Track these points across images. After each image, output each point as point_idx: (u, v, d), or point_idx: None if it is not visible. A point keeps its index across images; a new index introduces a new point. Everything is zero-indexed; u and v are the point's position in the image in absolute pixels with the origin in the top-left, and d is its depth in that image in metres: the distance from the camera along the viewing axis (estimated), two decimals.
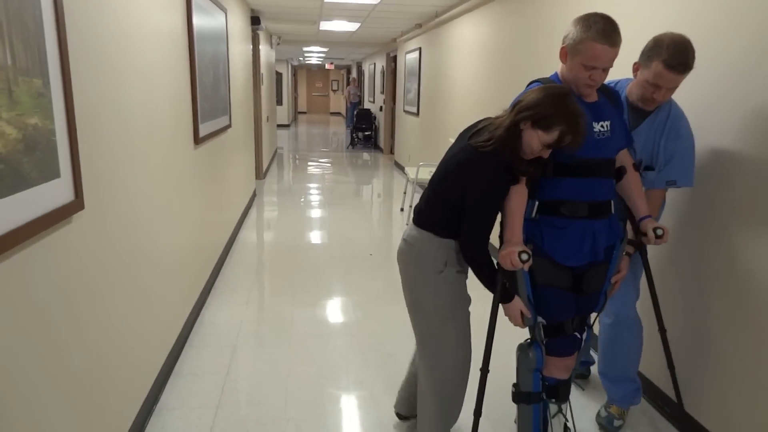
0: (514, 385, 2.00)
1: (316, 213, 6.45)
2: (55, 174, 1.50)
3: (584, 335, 2.01)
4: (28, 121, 1.36)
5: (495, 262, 1.84)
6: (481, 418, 1.93)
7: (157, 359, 2.53)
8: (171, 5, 2.85)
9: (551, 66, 2.07)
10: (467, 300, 1.97)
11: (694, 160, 2.12)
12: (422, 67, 8.09)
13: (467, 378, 1.99)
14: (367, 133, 13.60)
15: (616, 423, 2.35)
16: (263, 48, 8.40)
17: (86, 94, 1.74)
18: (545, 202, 1.89)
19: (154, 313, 2.50)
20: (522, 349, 1.96)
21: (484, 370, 1.91)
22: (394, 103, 10.99)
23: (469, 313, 1.98)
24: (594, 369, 2.68)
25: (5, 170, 1.26)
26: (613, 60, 1.78)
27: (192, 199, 3.31)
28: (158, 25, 2.61)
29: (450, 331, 1.92)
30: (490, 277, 1.84)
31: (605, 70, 1.80)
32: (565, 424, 2.00)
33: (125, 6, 2.15)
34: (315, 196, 7.40)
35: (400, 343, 3.07)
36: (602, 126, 1.88)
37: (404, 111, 9.64)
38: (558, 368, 1.94)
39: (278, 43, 11.16)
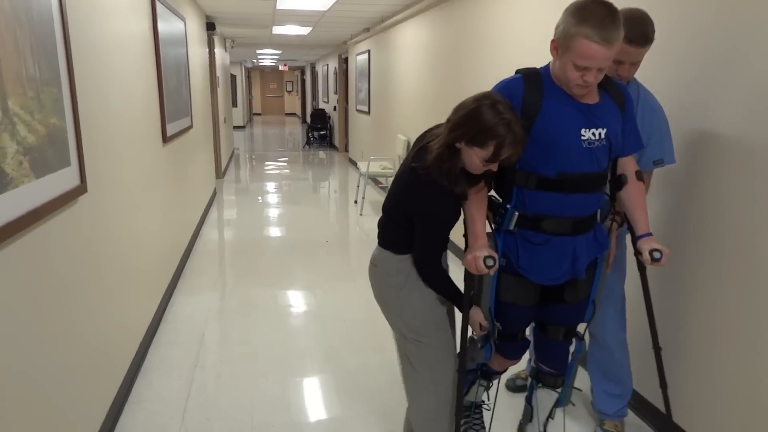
0: (457, 356, 1.95)
1: (275, 209, 6.84)
2: (66, 163, 1.88)
3: (572, 348, 1.96)
4: (50, 121, 1.75)
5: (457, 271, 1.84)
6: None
7: (131, 348, 2.71)
8: (140, 15, 3.22)
9: (485, 65, 1.80)
10: (444, 318, 1.85)
11: (670, 135, 2.03)
12: (372, 68, 8.56)
13: (454, 403, 1.87)
14: (322, 132, 13.99)
15: None
16: (218, 51, 8.69)
17: (85, 99, 2.12)
18: (525, 216, 1.73)
19: (135, 292, 2.87)
20: (473, 341, 1.95)
21: (461, 371, 1.86)
22: (347, 102, 11.42)
23: (450, 332, 1.87)
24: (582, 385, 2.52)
25: (39, 158, 1.65)
26: (610, 59, 1.54)
27: (162, 192, 3.67)
28: (132, 35, 2.98)
29: (426, 351, 1.82)
30: (448, 291, 1.80)
31: (601, 70, 1.55)
32: (485, 392, 2.14)
33: (108, 17, 2.53)
34: (273, 194, 7.77)
35: (354, 312, 3.55)
36: (594, 133, 1.64)
37: (356, 110, 10.09)
38: (500, 364, 2.01)
39: (232, 47, 11.43)
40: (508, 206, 1.75)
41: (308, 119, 14.60)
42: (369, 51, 8.65)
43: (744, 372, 1.95)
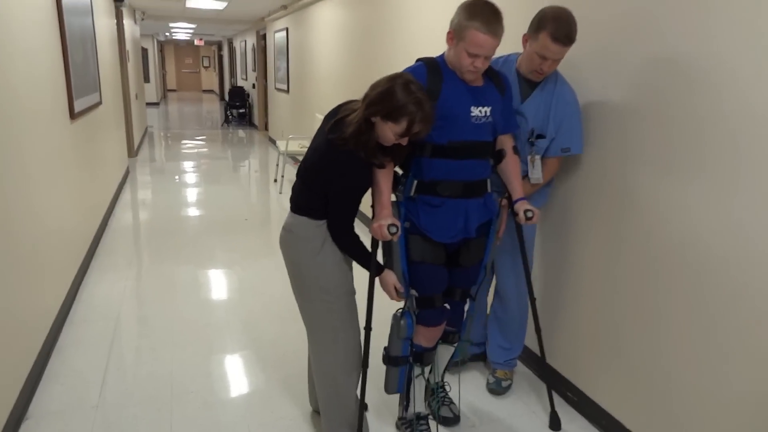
0: (385, 349, 2.14)
1: (193, 188, 6.74)
2: None
3: (467, 306, 2.20)
4: None
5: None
6: (369, 370, 2.05)
7: (39, 336, 2.63)
8: None
9: (396, 47, 1.99)
10: (352, 282, 2.00)
11: (581, 127, 2.23)
12: (290, 47, 8.52)
13: (360, 359, 2.03)
14: (241, 110, 13.71)
15: (505, 384, 2.56)
16: (127, 23, 8.31)
17: None
18: (423, 182, 1.99)
19: (45, 272, 2.84)
20: (395, 318, 2.08)
21: (368, 329, 2.02)
22: (266, 80, 11.28)
23: (354, 293, 2.02)
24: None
25: None
26: (495, 48, 1.84)
27: (71, 170, 3.58)
28: (33, 4, 2.88)
29: (336, 314, 1.96)
30: (361, 256, 1.94)
31: (487, 58, 1.86)
32: (427, 383, 2.28)
33: None
34: (191, 173, 7.63)
35: (272, 286, 3.67)
36: (480, 111, 1.95)
37: (276, 88, 10.00)
38: (426, 337, 2.13)
39: (143, 19, 10.91)
40: (408, 175, 2.02)
41: (226, 97, 14.22)
42: (287, 29, 8.59)
43: (602, 320, 2.28)
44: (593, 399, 2.38)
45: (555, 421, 2.34)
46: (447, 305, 2.13)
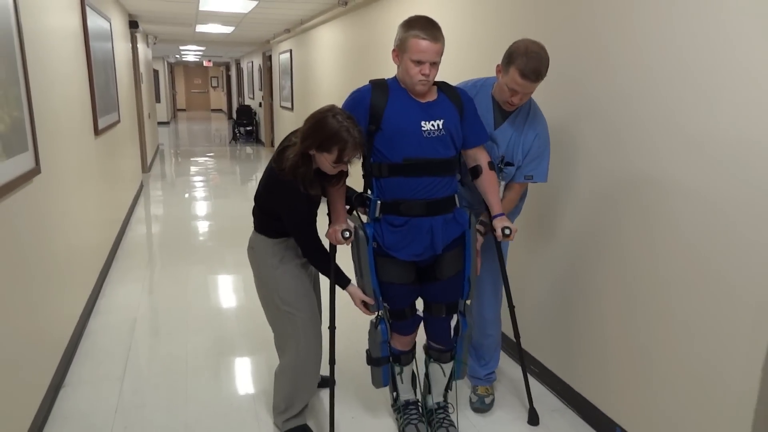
0: (367, 351, 2.25)
1: (202, 201, 7.18)
2: (25, 148, 2.29)
3: (453, 322, 2.23)
4: (13, 114, 2.16)
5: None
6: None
7: (71, 322, 2.98)
8: (72, 18, 3.57)
9: (389, 65, 2.19)
10: (311, 291, 2.16)
11: (548, 158, 2.26)
12: (294, 67, 9.00)
13: (318, 363, 2.20)
14: (248, 128, 14.23)
15: (488, 400, 2.54)
16: (141, 47, 8.84)
17: (35, 96, 2.51)
18: (386, 202, 2.02)
19: (72, 276, 3.25)
20: (372, 325, 2.20)
21: (332, 328, 2.19)
22: (272, 99, 11.78)
23: (315, 303, 2.19)
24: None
25: (7, 143, 2.07)
26: (439, 55, 1.89)
27: (95, 180, 4.01)
28: (66, 36, 3.34)
29: (297, 321, 2.10)
30: (332, 270, 2.09)
31: (434, 65, 1.89)
32: (413, 374, 2.33)
33: (47, 23, 2.90)
34: (200, 188, 8.07)
35: None
36: (432, 125, 1.96)
37: (281, 106, 10.49)
38: (401, 343, 2.24)
39: (155, 43, 11.48)
40: (371, 197, 2.06)
41: (234, 115, 14.77)
42: (291, 50, 9.09)
43: (567, 314, 2.65)
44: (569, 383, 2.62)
45: (533, 417, 2.44)
46: (419, 314, 2.22)
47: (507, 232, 2.13)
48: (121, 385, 2.67)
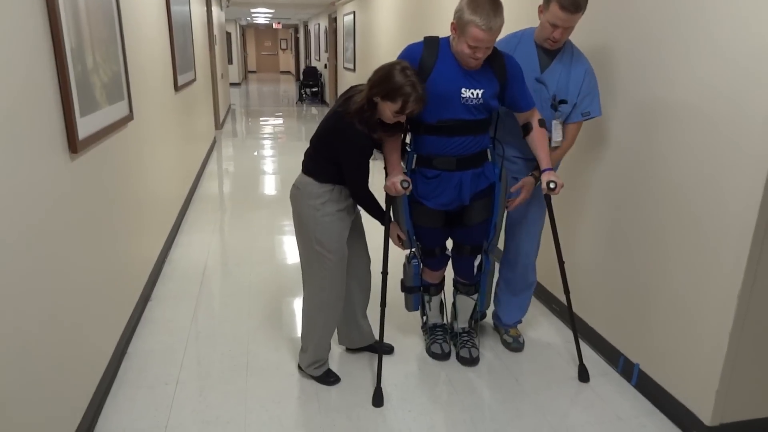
0: (401, 281, 2.60)
1: (270, 159, 7.69)
2: (121, 97, 2.75)
3: (477, 261, 2.43)
4: (113, 68, 2.61)
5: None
6: (386, 309, 2.40)
7: (146, 267, 3.34)
8: None
9: (444, 25, 2.23)
10: (345, 240, 2.26)
11: (599, 93, 2.35)
12: (357, 29, 9.25)
13: (340, 306, 2.36)
14: (314, 89, 14.65)
15: (521, 339, 2.75)
16: (215, 10, 9.35)
17: (131, 53, 2.96)
18: (421, 156, 2.23)
19: (152, 220, 3.78)
20: (406, 259, 2.54)
21: (384, 273, 2.36)
22: (336, 60, 12.09)
23: (346, 249, 2.28)
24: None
25: (109, 91, 2.53)
26: (494, 41, 1.97)
27: (175, 130, 4.54)
28: (152, 2, 3.79)
29: (326, 263, 2.23)
30: (375, 210, 2.24)
31: (488, 48, 1.99)
32: (441, 303, 2.64)
33: None
34: (267, 145, 8.61)
35: None
36: (472, 93, 2.09)
37: (344, 68, 10.80)
38: (431, 276, 2.55)
39: (228, 5, 12.01)
40: (410, 150, 2.28)
41: (301, 77, 15.23)
42: (354, 12, 9.32)
43: (610, 271, 2.74)
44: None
45: (584, 374, 2.49)
46: (448, 253, 2.48)
47: (552, 186, 2.21)
48: (197, 301, 3.18)
